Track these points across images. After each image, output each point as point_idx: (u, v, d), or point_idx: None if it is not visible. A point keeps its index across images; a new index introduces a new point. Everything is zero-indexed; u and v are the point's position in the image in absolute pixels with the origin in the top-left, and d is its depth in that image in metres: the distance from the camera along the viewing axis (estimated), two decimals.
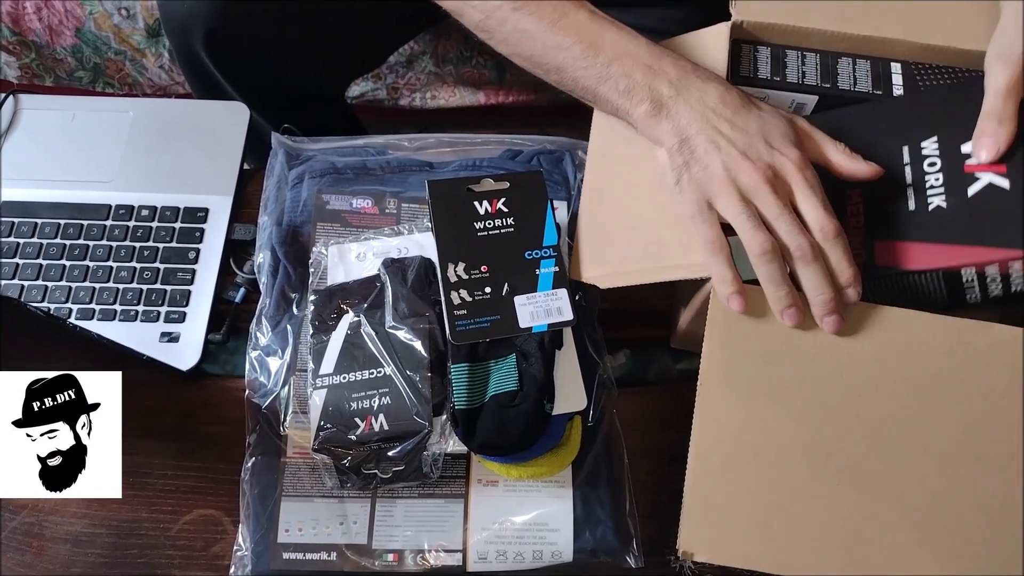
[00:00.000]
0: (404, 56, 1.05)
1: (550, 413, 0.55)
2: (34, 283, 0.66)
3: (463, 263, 0.57)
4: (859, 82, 0.54)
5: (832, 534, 0.43)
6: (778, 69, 0.54)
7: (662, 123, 0.51)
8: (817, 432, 0.45)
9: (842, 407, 0.46)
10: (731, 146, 0.49)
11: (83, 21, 1.01)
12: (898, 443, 0.45)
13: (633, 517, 0.56)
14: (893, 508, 0.44)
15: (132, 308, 0.65)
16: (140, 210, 0.69)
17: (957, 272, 0.45)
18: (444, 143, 0.69)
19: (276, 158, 0.68)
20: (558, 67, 0.55)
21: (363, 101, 1.11)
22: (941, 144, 0.48)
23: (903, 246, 0.47)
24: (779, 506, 0.44)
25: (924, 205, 0.47)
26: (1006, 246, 0.44)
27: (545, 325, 0.55)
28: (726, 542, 0.44)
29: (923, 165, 0.48)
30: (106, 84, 1.11)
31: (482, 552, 0.54)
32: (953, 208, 0.46)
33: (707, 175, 0.49)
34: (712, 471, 0.45)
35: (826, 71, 0.54)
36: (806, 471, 0.45)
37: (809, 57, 0.55)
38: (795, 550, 0.43)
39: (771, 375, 0.47)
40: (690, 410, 0.61)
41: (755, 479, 0.45)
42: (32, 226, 0.68)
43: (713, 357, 0.47)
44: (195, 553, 0.57)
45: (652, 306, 0.65)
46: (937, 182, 0.47)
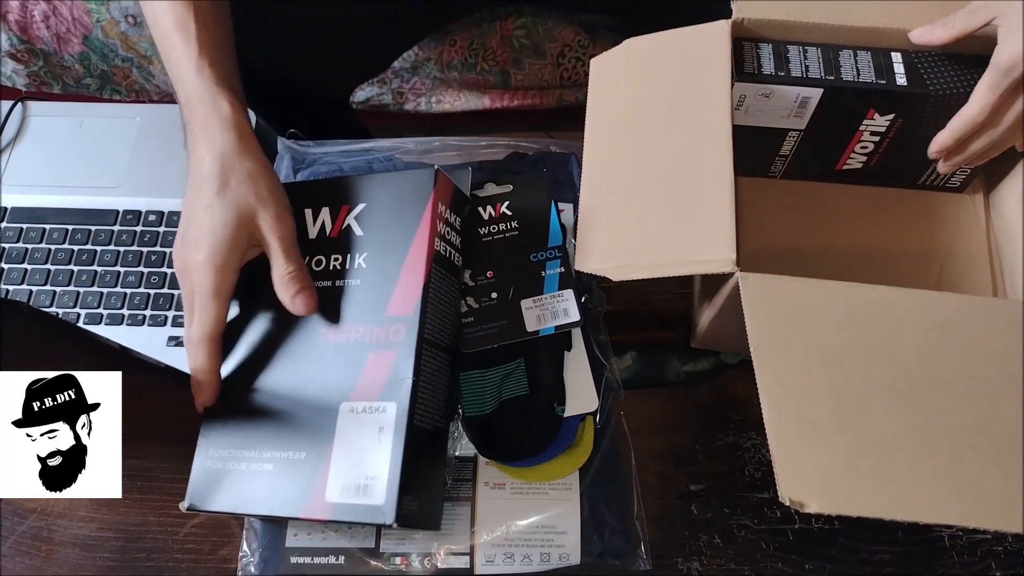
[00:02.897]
0: (409, 61, 1.06)
1: (561, 415, 0.55)
2: (42, 288, 0.67)
3: (469, 270, 0.57)
4: (862, 73, 0.54)
5: (935, 472, 0.42)
6: (781, 64, 0.54)
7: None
8: (881, 380, 0.44)
9: (898, 358, 0.45)
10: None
11: (90, 29, 1.01)
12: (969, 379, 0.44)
13: (641, 520, 0.56)
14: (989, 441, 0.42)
15: (139, 312, 0.66)
16: (147, 215, 0.69)
17: None
18: (449, 146, 0.69)
19: (282, 162, 0.68)
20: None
21: (368, 106, 1.12)
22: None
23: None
24: (872, 451, 0.43)
25: None
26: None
27: (552, 328, 0.55)
28: (832, 491, 0.42)
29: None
30: (113, 91, 1.12)
31: (489, 555, 0.54)
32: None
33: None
34: (790, 425, 0.43)
35: (828, 64, 0.54)
36: (885, 415, 0.43)
37: (811, 51, 0.55)
38: (906, 493, 0.41)
39: (820, 342, 0.45)
40: (698, 412, 0.62)
41: (837, 427, 0.43)
42: (40, 232, 0.69)
43: (759, 331, 0.45)
44: (203, 557, 0.57)
45: (659, 308, 0.65)
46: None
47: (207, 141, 0.51)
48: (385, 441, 0.46)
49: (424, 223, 0.51)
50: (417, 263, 0.50)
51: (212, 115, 0.52)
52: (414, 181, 0.52)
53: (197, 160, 0.51)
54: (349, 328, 0.50)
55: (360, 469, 0.46)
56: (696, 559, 0.57)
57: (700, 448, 0.60)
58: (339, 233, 0.53)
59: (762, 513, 0.58)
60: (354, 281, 0.51)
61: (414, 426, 0.47)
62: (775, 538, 0.57)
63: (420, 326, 0.49)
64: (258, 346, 0.53)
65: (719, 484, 0.59)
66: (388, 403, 0.47)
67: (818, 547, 0.57)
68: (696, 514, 0.58)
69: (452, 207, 0.54)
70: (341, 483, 0.47)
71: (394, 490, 0.45)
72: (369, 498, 0.46)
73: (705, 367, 0.63)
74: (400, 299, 0.50)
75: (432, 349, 0.50)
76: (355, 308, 0.51)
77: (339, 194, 0.54)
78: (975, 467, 0.42)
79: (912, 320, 0.46)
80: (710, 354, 0.63)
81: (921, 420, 0.43)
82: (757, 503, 0.58)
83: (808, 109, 0.55)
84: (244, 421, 0.51)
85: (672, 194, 0.51)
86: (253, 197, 0.50)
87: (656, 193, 0.52)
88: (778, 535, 0.57)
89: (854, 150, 0.59)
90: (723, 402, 0.62)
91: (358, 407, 0.48)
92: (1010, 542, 0.56)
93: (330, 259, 0.52)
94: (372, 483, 0.46)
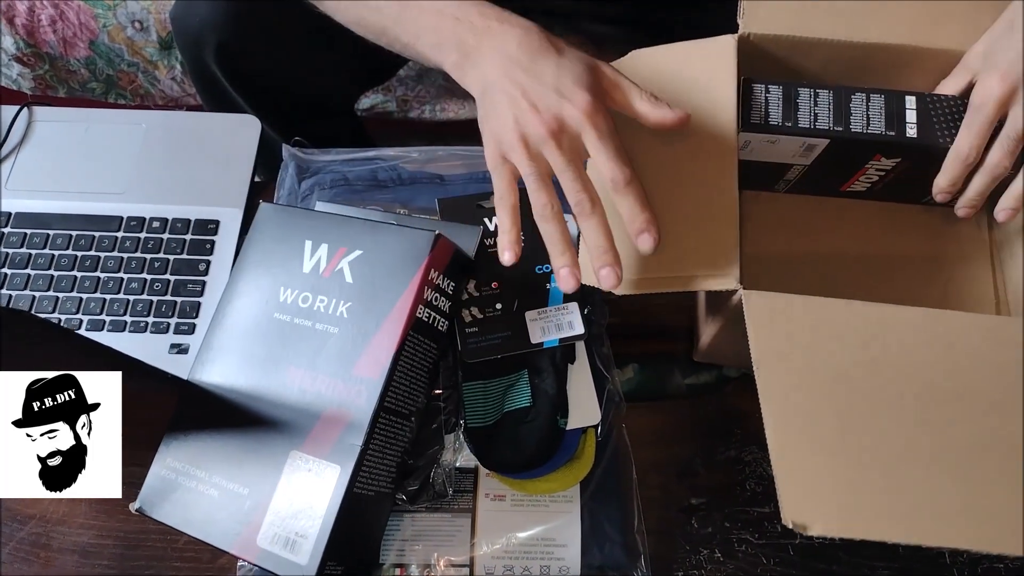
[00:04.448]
0: (414, 70, 1.06)
1: (564, 428, 0.55)
2: (45, 294, 0.67)
3: (474, 280, 0.57)
4: (872, 122, 0.53)
5: (939, 493, 0.42)
6: (790, 113, 0.53)
7: (468, 73, 0.50)
8: (884, 398, 0.44)
9: (902, 376, 0.45)
10: (523, 97, 0.47)
11: (97, 33, 1.02)
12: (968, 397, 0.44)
13: (642, 533, 0.56)
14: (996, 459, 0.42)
15: (142, 319, 0.66)
16: (151, 222, 0.69)
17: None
18: (454, 155, 0.69)
19: (287, 170, 0.68)
20: (381, 30, 0.54)
21: (373, 113, 1.12)
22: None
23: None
24: (876, 472, 0.42)
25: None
26: None
27: (556, 340, 0.55)
28: (835, 513, 0.42)
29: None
30: (119, 95, 1.12)
31: (489, 567, 0.54)
32: None
33: (501, 128, 0.48)
34: (793, 444, 0.43)
35: (839, 111, 0.53)
36: (888, 434, 0.43)
37: (822, 96, 0.53)
38: (910, 515, 0.41)
39: (823, 360, 0.45)
40: (700, 425, 0.61)
41: (840, 447, 0.43)
42: (44, 237, 0.69)
43: (762, 349, 0.45)
44: (202, 565, 0.56)
45: (661, 320, 0.65)
46: None
47: (513, 19, 0.49)
48: (322, 502, 0.47)
49: (412, 287, 0.50)
50: (395, 327, 0.50)
51: (492, 8, 0.50)
52: (412, 241, 0.51)
53: (514, 34, 0.48)
54: (316, 376, 0.50)
55: (294, 522, 0.47)
56: (696, 573, 0.56)
57: (701, 461, 0.60)
58: (331, 274, 0.53)
59: (763, 528, 0.58)
60: (333, 328, 0.51)
61: (353, 494, 0.48)
62: (776, 553, 0.57)
63: (382, 395, 0.49)
64: (236, 362, 0.53)
65: (720, 498, 0.59)
66: (333, 465, 0.48)
67: (819, 563, 0.56)
68: (697, 528, 0.58)
69: (447, 272, 0.53)
70: (273, 532, 0.48)
71: (319, 554, 0.46)
72: (295, 554, 0.47)
73: (707, 380, 0.63)
74: (369, 361, 0.49)
75: (390, 417, 0.50)
76: (326, 357, 0.50)
77: (341, 234, 0.53)
78: (980, 487, 0.42)
79: (915, 338, 0.46)
80: (712, 367, 0.63)
81: (924, 439, 0.43)
82: (758, 517, 0.58)
83: (814, 152, 0.55)
84: (203, 437, 0.52)
85: (675, 209, 0.51)
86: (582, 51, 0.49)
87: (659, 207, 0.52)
88: (779, 550, 0.57)
89: (858, 179, 0.59)
90: (725, 415, 0.62)
91: (306, 460, 0.49)
92: (1011, 560, 0.56)
93: (316, 298, 0.52)
94: (301, 541, 0.47)
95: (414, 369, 0.51)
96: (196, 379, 0.54)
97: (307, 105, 0.83)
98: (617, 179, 0.45)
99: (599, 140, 0.46)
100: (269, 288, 0.53)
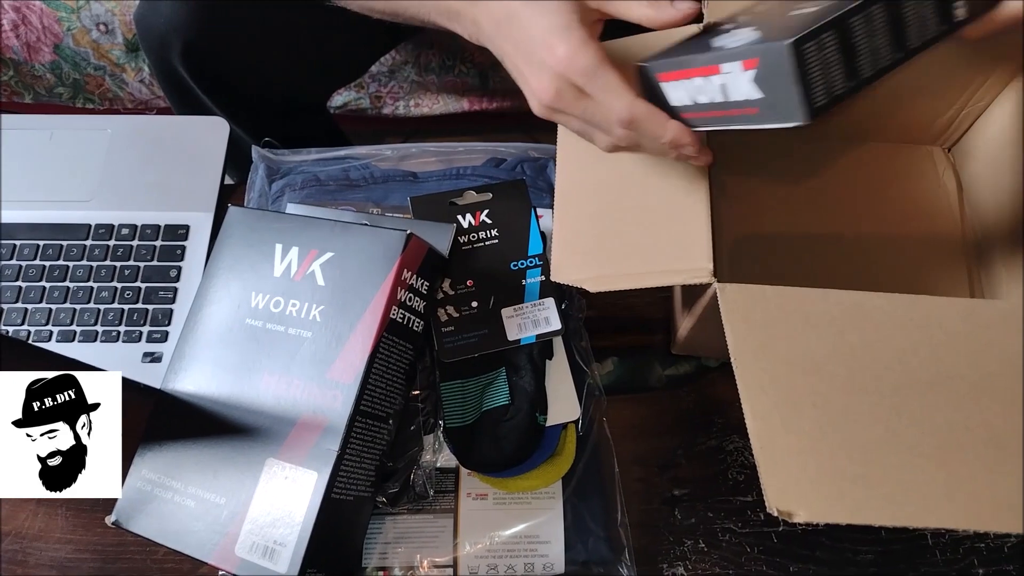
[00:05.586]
0: (386, 65, 1.05)
1: (543, 425, 0.54)
2: (13, 306, 0.66)
3: (449, 278, 0.57)
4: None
5: (921, 475, 0.42)
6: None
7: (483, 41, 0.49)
8: (864, 383, 0.44)
9: (879, 362, 0.45)
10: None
11: (61, 37, 1.00)
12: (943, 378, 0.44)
13: (625, 527, 0.55)
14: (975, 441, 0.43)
15: (114, 328, 0.65)
16: (120, 229, 0.68)
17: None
18: (427, 152, 0.69)
19: (257, 172, 0.67)
20: (393, 12, 0.53)
21: (346, 110, 1.11)
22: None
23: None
24: (858, 456, 0.43)
25: None
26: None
27: (533, 336, 0.55)
28: (820, 500, 0.41)
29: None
30: (87, 100, 1.10)
31: (473, 566, 0.54)
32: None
33: (529, 95, 0.47)
34: (774, 433, 0.43)
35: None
36: (868, 419, 0.43)
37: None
38: (894, 498, 0.41)
39: (801, 349, 0.45)
40: (681, 416, 0.61)
41: (821, 434, 0.43)
42: (11, 248, 0.68)
43: (739, 341, 0.45)
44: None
45: (639, 312, 0.65)
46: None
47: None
48: (300, 509, 0.47)
49: (384, 288, 0.49)
50: (369, 329, 0.49)
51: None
52: (384, 242, 0.51)
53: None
54: (291, 382, 0.50)
55: (272, 531, 0.47)
56: (681, 564, 0.56)
57: (683, 452, 0.60)
58: (302, 278, 0.52)
59: (746, 516, 0.58)
60: (306, 333, 0.50)
61: (332, 499, 0.47)
62: (759, 541, 0.57)
63: (357, 398, 0.48)
64: (209, 369, 0.52)
65: (702, 488, 0.59)
66: (310, 472, 0.47)
67: (802, 549, 0.57)
68: (680, 519, 0.58)
69: (421, 272, 0.52)
70: (251, 541, 0.47)
71: (298, 562, 0.46)
72: (274, 563, 0.46)
73: (687, 371, 0.63)
74: (343, 365, 0.49)
75: (367, 420, 0.49)
76: (300, 362, 0.50)
77: (311, 236, 0.52)
78: (961, 468, 0.42)
79: (891, 324, 0.46)
80: (691, 357, 0.63)
81: (905, 423, 0.44)
82: (741, 506, 0.58)
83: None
84: (178, 447, 0.51)
85: (648, 203, 0.51)
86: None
87: (632, 202, 0.52)
88: (762, 538, 0.57)
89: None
90: (705, 405, 0.62)
91: (283, 467, 0.48)
92: (992, 539, 0.57)
93: (288, 303, 0.51)
94: (280, 549, 0.46)
95: (390, 371, 0.51)
96: (169, 388, 0.53)
97: (277, 105, 0.82)
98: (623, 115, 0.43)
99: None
100: (240, 294, 0.53)
